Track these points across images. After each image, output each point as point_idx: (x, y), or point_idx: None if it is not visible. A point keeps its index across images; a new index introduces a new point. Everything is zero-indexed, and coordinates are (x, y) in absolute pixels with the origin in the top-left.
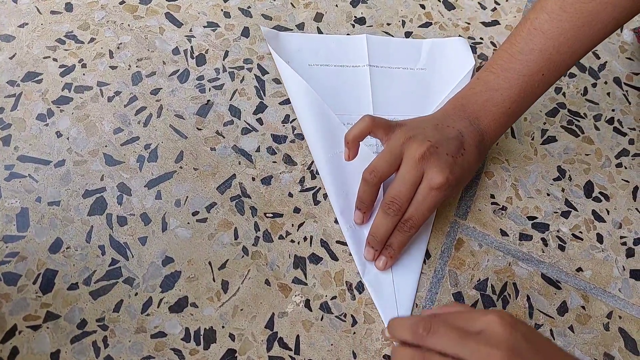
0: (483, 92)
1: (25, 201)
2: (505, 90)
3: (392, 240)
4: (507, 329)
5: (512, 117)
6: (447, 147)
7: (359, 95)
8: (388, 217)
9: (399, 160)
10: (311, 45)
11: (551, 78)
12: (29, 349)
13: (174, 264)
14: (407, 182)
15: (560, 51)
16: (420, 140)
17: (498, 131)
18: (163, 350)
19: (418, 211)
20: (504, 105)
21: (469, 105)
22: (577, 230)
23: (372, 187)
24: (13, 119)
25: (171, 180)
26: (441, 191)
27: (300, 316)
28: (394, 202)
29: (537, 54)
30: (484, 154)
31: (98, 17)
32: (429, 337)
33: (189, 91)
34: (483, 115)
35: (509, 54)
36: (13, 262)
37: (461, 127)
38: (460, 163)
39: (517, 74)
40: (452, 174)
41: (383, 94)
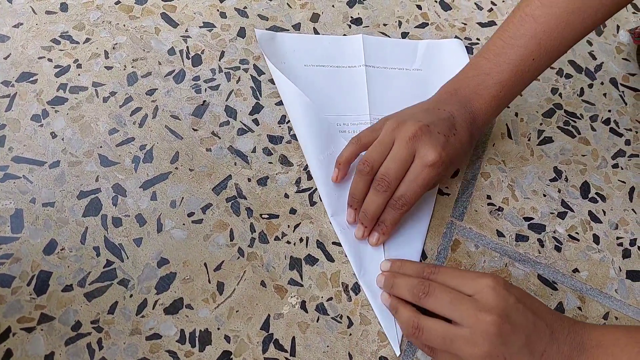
0: (475, 77)
1: (20, 202)
2: (497, 74)
3: (384, 217)
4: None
5: (504, 101)
6: (439, 126)
7: (355, 96)
8: (378, 194)
9: (390, 147)
10: (307, 45)
11: (542, 63)
12: (23, 351)
13: (169, 265)
14: (398, 160)
15: (550, 37)
16: (411, 122)
17: (489, 114)
18: (158, 352)
19: (410, 189)
20: (495, 88)
21: (461, 90)
22: (573, 231)
23: (365, 176)
24: (7, 119)
25: (166, 181)
26: (434, 168)
27: (296, 317)
28: (383, 179)
29: (528, 39)
30: (476, 136)
31: (93, 18)
32: (425, 299)
33: (184, 92)
34: (475, 99)
35: (501, 39)
36: (7, 263)
37: (452, 110)
38: (453, 142)
39: (509, 59)
40: (445, 151)
41: (379, 94)
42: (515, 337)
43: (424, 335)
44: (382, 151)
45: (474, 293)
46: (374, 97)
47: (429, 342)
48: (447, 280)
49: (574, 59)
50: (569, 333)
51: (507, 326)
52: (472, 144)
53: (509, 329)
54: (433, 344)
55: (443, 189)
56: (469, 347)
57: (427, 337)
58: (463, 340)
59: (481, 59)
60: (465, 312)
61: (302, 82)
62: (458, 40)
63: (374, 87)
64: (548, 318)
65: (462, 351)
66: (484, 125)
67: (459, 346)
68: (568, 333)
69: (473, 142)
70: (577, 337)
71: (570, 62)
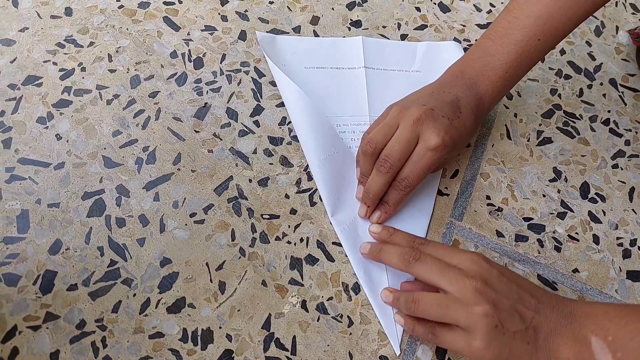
0: (481, 58)
1: (26, 203)
2: (503, 55)
3: (387, 198)
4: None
5: (510, 82)
6: (443, 109)
7: (354, 97)
8: (381, 175)
9: (394, 130)
10: (307, 47)
11: (547, 44)
12: (29, 349)
13: (172, 265)
14: (401, 141)
15: (555, 17)
16: (415, 106)
17: (495, 95)
18: (161, 350)
19: (413, 171)
20: (501, 69)
21: (467, 71)
22: (573, 231)
23: (369, 157)
24: (14, 122)
25: (169, 182)
26: (437, 152)
27: (296, 317)
28: (387, 159)
29: (533, 19)
30: (482, 118)
31: (97, 22)
32: (415, 265)
33: (186, 94)
34: (481, 80)
35: (506, 20)
36: (13, 263)
37: (458, 92)
38: (457, 125)
39: (514, 39)
40: (448, 135)
41: (379, 95)
42: (501, 303)
43: (420, 306)
44: (386, 133)
45: (458, 264)
46: (373, 99)
47: (425, 312)
48: (434, 252)
49: (573, 59)
50: (557, 304)
51: (492, 292)
52: (477, 126)
53: (494, 295)
54: (430, 313)
55: (442, 190)
56: (464, 308)
57: (423, 307)
58: (457, 304)
59: (486, 40)
60: (453, 278)
61: (302, 84)
62: (457, 43)
63: (374, 88)
64: (532, 290)
65: (458, 314)
66: (490, 107)
67: (455, 310)
68: (556, 304)
69: (478, 124)
70: (566, 309)
71: (569, 62)
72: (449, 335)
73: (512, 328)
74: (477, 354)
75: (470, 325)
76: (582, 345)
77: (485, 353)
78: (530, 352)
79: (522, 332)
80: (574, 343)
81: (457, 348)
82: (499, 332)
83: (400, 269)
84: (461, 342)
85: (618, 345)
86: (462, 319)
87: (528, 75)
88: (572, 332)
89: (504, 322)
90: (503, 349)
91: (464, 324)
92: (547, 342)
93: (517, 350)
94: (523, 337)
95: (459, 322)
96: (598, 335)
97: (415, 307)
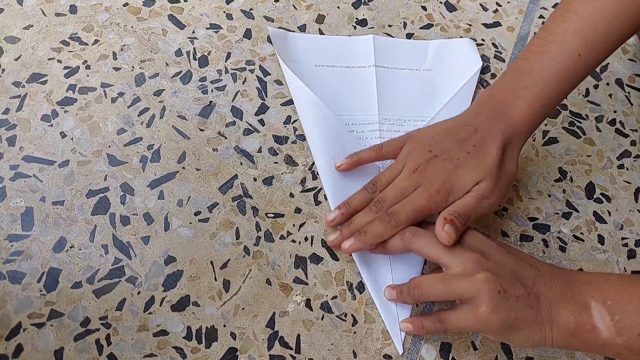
0: (513, 78)
1: (30, 201)
2: (538, 72)
3: (367, 227)
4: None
5: (547, 101)
6: (449, 151)
7: (364, 96)
8: (371, 213)
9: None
10: (318, 45)
11: (590, 60)
12: (34, 347)
13: (176, 263)
14: (398, 189)
15: (597, 30)
16: (419, 152)
17: (532, 116)
18: (165, 348)
19: (404, 209)
20: (536, 87)
21: (497, 94)
22: (578, 231)
23: (368, 196)
24: (18, 119)
25: (174, 181)
26: (431, 198)
27: (301, 315)
28: (380, 202)
29: (572, 33)
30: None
31: (102, 19)
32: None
33: (191, 92)
34: (513, 100)
35: (541, 39)
36: (18, 260)
37: (480, 123)
38: (463, 164)
39: (552, 55)
40: (447, 182)
41: (389, 94)
42: (501, 271)
43: (423, 289)
44: (390, 177)
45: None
46: (383, 98)
47: (430, 294)
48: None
49: None
50: (557, 273)
51: (491, 262)
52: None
53: (494, 265)
54: (435, 293)
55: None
56: (466, 279)
57: (427, 288)
58: (459, 277)
59: (519, 60)
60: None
61: (312, 82)
62: (470, 40)
63: (384, 87)
64: (531, 261)
65: (461, 286)
66: (527, 129)
67: (457, 283)
68: (556, 273)
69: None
70: (566, 276)
71: None
72: (455, 315)
73: (514, 293)
74: (484, 321)
75: (473, 293)
76: (581, 309)
77: (492, 318)
78: (533, 316)
79: (524, 297)
80: (573, 307)
81: (466, 324)
82: (502, 297)
83: (400, 248)
84: (468, 316)
85: (616, 308)
86: (466, 290)
87: None
88: (572, 297)
89: (506, 287)
90: (509, 314)
91: (467, 294)
92: (548, 308)
93: (522, 314)
94: (526, 301)
95: (462, 294)
96: (597, 300)
97: (419, 291)
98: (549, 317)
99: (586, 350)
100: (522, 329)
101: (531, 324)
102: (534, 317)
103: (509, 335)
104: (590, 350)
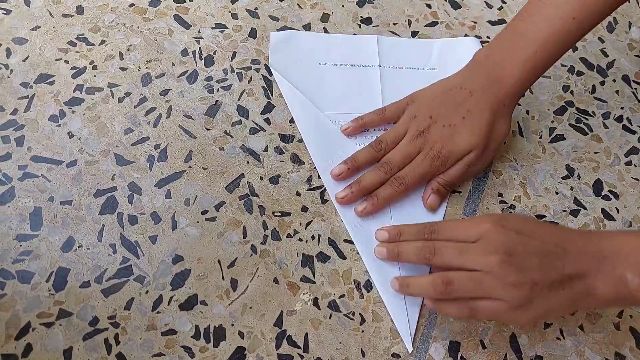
0: (509, 38)
1: (39, 200)
2: (533, 33)
3: (378, 191)
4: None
5: (540, 64)
6: (446, 117)
7: (369, 95)
8: (379, 173)
9: (402, 137)
10: (322, 44)
11: (584, 25)
12: (43, 346)
13: (184, 262)
14: (403, 152)
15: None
16: (421, 118)
17: (524, 78)
18: (173, 347)
19: (410, 173)
20: (530, 48)
21: (492, 55)
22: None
23: (373, 154)
24: (26, 120)
25: (181, 180)
26: (433, 162)
27: (308, 314)
28: (387, 163)
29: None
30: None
31: (108, 20)
32: (435, 258)
33: (197, 92)
34: (507, 60)
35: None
36: (27, 260)
37: (474, 86)
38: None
39: (546, 17)
40: (445, 148)
41: (393, 94)
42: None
43: (455, 286)
44: (395, 138)
45: (477, 238)
46: (388, 97)
47: (461, 291)
48: (448, 235)
49: (586, 56)
50: (584, 244)
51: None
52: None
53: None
54: (466, 290)
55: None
56: (496, 282)
57: (459, 286)
58: (489, 276)
59: (516, 20)
60: (474, 259)
61: (316, 80)
62: (474, 39)
63: (388, 87)
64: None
65: (492, 288)
66: (517, 91)
67: (488, 284)
68: (583, 244)
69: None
70: (593, 246)
71: (581, 59)
72: (487, 305)
73: (546, 282)
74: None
75: (506, 296)
76: (618, 283)
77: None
78: (568, 297)
79: (556, 283)
80: (610, 282)
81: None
82: (534, 292)
83: (421, 264)
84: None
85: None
86: (497, 292)
87: None
88: (605, 272)
89: (537, 280)
90: (541, 305)
91: (499, 296)
92: (582, 285)
93: (555, 300)
94: (558, 286)
95: (493, 294)
96: (633, 272)
97: (450, 288)
98: (585, 293)
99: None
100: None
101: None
102: (568, 297)
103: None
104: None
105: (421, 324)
